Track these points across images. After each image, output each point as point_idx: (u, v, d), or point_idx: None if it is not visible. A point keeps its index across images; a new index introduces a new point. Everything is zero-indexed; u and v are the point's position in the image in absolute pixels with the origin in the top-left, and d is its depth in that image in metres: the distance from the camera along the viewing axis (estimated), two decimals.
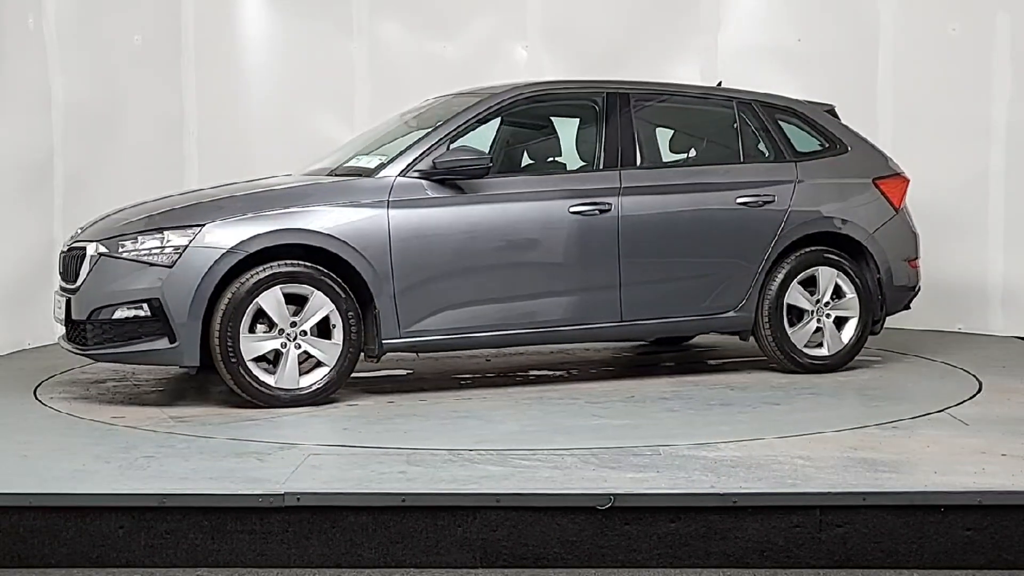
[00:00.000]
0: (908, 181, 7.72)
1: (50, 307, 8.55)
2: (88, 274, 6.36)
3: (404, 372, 7.69)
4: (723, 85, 7.92)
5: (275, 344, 6.32)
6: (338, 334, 6.40)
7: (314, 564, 4.57)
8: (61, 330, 6.67)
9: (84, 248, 6.47)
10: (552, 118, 7.45)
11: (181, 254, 6.19)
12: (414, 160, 6.68)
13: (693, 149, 7.64)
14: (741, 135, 7.46)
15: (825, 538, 4.55)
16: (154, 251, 6.23)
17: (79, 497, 4.65)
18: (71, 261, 6.57)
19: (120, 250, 6.30)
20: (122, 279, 6.25)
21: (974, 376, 7.27)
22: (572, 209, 6.83)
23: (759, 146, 7.46)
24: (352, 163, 7.00)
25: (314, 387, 6.38)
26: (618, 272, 6.91)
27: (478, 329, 6.72)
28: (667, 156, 7.50)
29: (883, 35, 9.42)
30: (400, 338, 6.55)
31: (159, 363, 6.46)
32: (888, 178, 7.64)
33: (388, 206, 6.52)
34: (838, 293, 7.34)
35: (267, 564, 4.57)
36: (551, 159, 7.35)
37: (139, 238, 6.29)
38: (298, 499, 4.60)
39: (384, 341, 6.51)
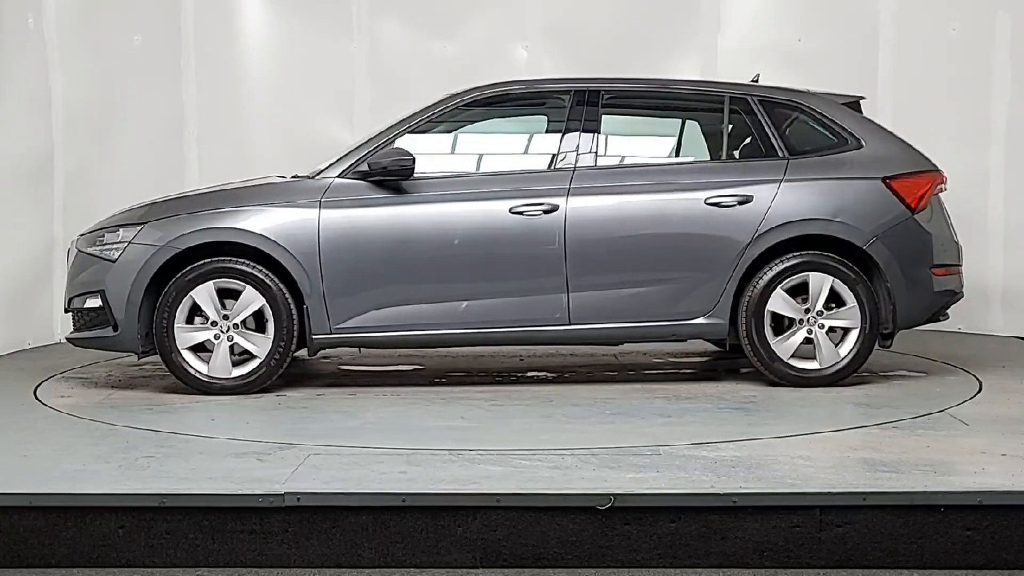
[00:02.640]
0: (932, 180, 7.05)
1: (50, 307, 8.70)
2: (70, 267, 7.03)
3: (410, 367, 7.79)
4: (759, 81, 7.53)
5: (208, 335, 6.74)
6: (271, 328, 6.70)
7: (314, 564, 4.57)
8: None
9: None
10: (518, 118, 7.44)
11: (124, 250, 6.74)
12: (356, 161, 6.86)
13: (667, 147, 7.42)
14: (727, 131, 7.12)
15: (825, 538, 4.55)
16: (107, 247, 6.80)
17: (79, 497, 4.66)
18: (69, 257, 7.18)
19: (90, 245, 6.89)
20: (85, 272, 6.86)
21: (974, 376, 7.27)
22: (513, 209, 6.77)
23: (748, 143, 7.09)
24: (319, 165, 7.11)
25: (245, 377, 6.74)
26: (564, 275, 6.76)
27: (412, 328, 6.78)
28: (641, 154, 7.30)
29: (883, 35, 9.42)
30: (330, 334, 6.76)
31: (109, 349, 6.97)
32: (903, 176, 6.97)
33: (320, 207, 6.73)
34: (839, 302, 6.84)
35: (267, 564, 4.57)
36: (508, 159, 7.29)
37: (104, 235, 6.86)
38: (298, 499, 4.60)
39: (314, 337, 6.75)
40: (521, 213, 6.76)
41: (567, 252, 6.75)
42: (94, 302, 6.78)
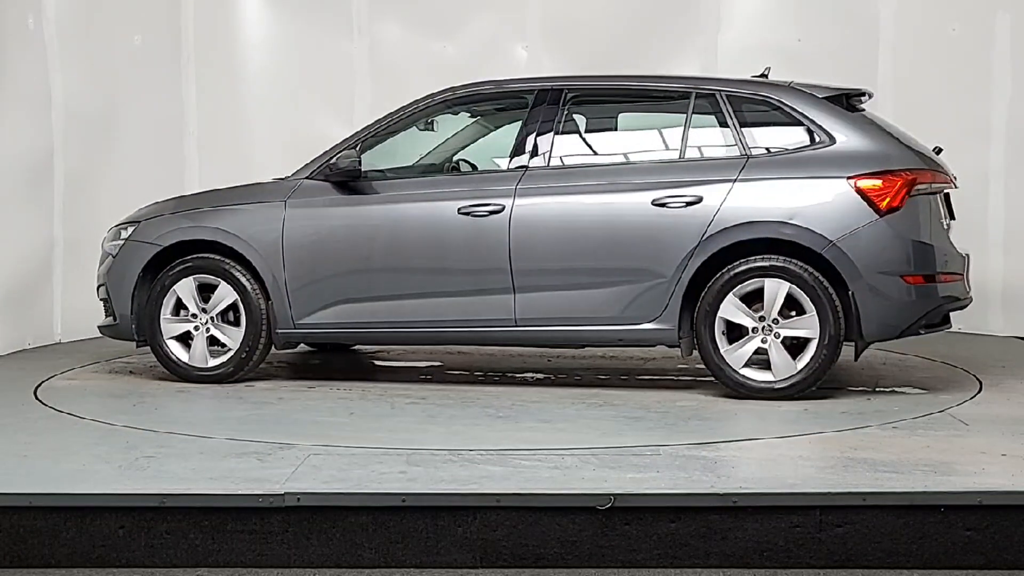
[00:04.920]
0: (907, 180, 6.42)
1: (50, 307, 8.69)
2: (99, 261, 7.45)
3: (427, 364, 7.87)
4: (769, 76, 7.17)
5: (188, 327, 7.10)
6: (244, 321, 7.00)
7: (314, 564, 4.57)
8: None
9: None
10: (488, 118, 7.48)
11: (121, 246, 7.23)
12: (324, 163, 7.02)
13: (626, 145, 7.19)
14: (688, 129, 6.73)
15: (825, 538, 4.55)
16: (115, 243, 7.29)
17: (79, 497, 4.66)
18: None
19: (108, 241, 7.40)
20: (101, 266, 7.40)
21: (974, 376, 7.27)
22: (461, 210, 6.77)
23: (710, 140, 6.74)
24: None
25: (221, 367, 7.05)
26: (510, 275, 6.71)
27: (369, 325, 6.94)
28: (598, 153, 7.10)
29: (883, 35, 9.42)
30: (293, 329, 6.99)
31: (114, 337, 7.37)
32: (872, 175, 6.40)
33: (286, 206, 6.97)
34: (798, 309, 6.40)
35: (267, 564, 4.57)
36: (474, 159, 7.32)
37: (119, 231, 7.32)
38: (298, 499, 4.60)
39: (278, 331, 7.00)
40: (469, 214, 6.77)
41: (512, 253, 6.70)
42: (104, 294, 7.28)
